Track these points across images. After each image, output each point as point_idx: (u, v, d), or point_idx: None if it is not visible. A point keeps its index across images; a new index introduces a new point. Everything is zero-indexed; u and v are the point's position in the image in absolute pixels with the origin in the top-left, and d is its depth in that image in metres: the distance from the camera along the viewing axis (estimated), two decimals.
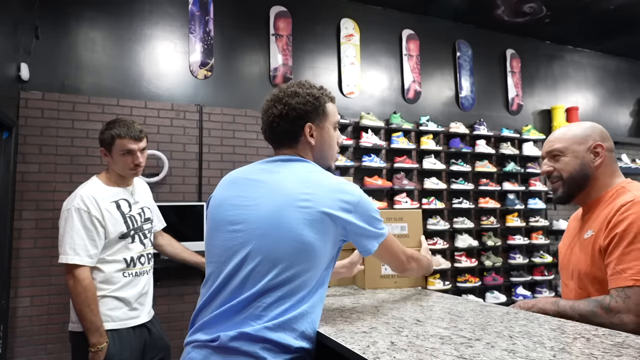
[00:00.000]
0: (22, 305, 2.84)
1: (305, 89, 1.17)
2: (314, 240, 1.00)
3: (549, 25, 4.79)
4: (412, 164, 4.09)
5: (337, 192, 1.05)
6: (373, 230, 1.10)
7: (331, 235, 1.04)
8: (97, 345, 1.64)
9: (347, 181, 1.12)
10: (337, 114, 1.25)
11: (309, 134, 1.16)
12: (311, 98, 1.16)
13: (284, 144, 1.18)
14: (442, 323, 1.15)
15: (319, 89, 1.20)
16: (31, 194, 2.94)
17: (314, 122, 1.17)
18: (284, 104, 1.15)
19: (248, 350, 0.94)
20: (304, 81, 1.22)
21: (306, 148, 1.18)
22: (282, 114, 1.14)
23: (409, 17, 4.44)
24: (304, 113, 1.15)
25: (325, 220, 1.02)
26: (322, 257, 1.03)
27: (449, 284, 4.09)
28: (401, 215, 1.79)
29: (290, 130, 1.16)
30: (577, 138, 1.33)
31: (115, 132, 1.78)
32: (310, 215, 1.01)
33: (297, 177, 1.08)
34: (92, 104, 3.16)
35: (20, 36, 2.94)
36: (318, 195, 1.03)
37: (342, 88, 4.05)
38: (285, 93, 1.16)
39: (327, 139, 1.20)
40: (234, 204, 1.09)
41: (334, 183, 1.08)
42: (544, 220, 4.70)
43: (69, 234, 1.68)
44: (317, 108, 1.17)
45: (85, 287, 1.65)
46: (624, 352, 0.87)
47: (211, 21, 3.59)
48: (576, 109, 5.16)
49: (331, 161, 1.24)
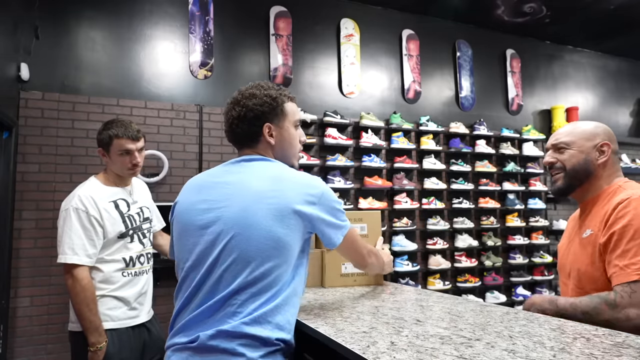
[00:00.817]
0: (22, 305, 2.84)
1: (263, 90, 1.20)
2: (284, 236, 1.03)
3: (549, 25, 4.79)
4: (412, 164, 4.09)
5: (302, 187, 1.09)
6: (337, 222, 1.14)
7: (300, 229, 1.07)
8: (96, 344, 1.64)
9: (311, 175, 1.15)
10: (297, 113, 1.27)
11: (267, 134, 1.19)
12: (268, 99, 1.18)
13: (245, 145, 1.21)
14: (442, 323, 1.15)
15: (277, 90, 1.22)
16: (31, 194, 2.94)
17: (272, 122, 1.19)
18: (242, 106, 1.17)
19: (226, 347, 0.96)
20: (263, 82, 1.25)
21: (267, 148, 1.20)
22: (241, 115, 1.17)
23: (409, 17, 4.44)
24: (261, 114, 1.17)
25: (292, 215, 1.05)
26: (293, 251, 1.06)
27: (449, 284, 4.09)
28: (361, 216, 1.89)
29: (249, 131, 1.18)
30: (586, 134, 1.35)
31: (112, 132, 1.79)
32: (278, 212, 1.03)
33: (262, 175, 1.10)
34: (92, 104, 3.16)
35: (20, 36, 2.94)
36: (284, 191, 1.06)
37: (342, 88, 4.05)
38: (243, 95, 1.19)
39: (287, 138, 1.22)
40: (202, 208, 1.10)
41: (298, 178, 1.12)
42: (544, 220, 4.70)
43: (68, 233, 1.68)
44: (274, 108, 1.19)
45: (84, 287, 1.65)
46: (624, 352, 0.87)
47: (211, 21, 3.59)
48: (576, 109, 5.16)
49: (293, 159, 1.26)
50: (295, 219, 1.05)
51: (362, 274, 1.82)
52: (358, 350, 0.93)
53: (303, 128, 3.77)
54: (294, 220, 1.05)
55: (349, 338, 1.03)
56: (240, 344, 0.96)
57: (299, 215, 1.05)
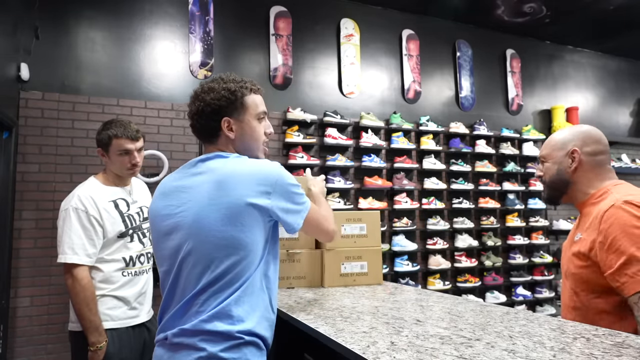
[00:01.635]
0: (22, 305, 2.84)
1: (222, 84, 1.16)
2: (239, 233, 1.04)
3: (549, 25, 4.79)
4: (412, 164, 4.09)
5: (254, 178, 1.07)
6: (295, 208, 1.12)
7: (258, 221, 1.07)
8: (96, 344, 1.64)
9: (264, 162, 1.13)
10: (260, 105, 1.22)
11: (227, 128, 1.16)
12: (226, 92, 1.15)
13: (206, 140, 1.19)
14: (442, 323, 1.15)
15: (238, 82, 1.18)
16: (31, 194, 2.94)
17: (231, 116, 1.16)
18: (200, 101, 1.15)
19: (189, 343, 1.01)
20: (225, 75, 1.21)
21: (227, 142, 1.18)
22: (199, 110, 1.15)
23: (409, 17, 4.44)
24: (218, 108, 1.14)
25: (247, 210, 1.04)
26: (255, 244, 1.07)
27: (449, 284, 4.09)
28: (360, 216, 1.88)
29: (208, 126, 1.16)
30: (558, 144, 1.40)
31: (112, 133, 1.79)
32: (229, 211, 1.04)
33: (213, 176, 1.09)
34: (92, 104, 3.16)
35: (20, 36, 2.94)
36: (236, 188, 1.05)
37: (342, 88, 4.05)
38: (202, 89, 1.17)
39: (248, 132, 1.18)
40: (165, 214, 1.12)
41: (251, 169, 1.10)
42: (544, 220, 4.70)
43: (67, 233, 1.68)
44: (233, 102, 1.16)
45: (84, 287, 1.65)
46: (624, 352, 0.87)
47: (211, 21, 3.59)
48: (576, 109, 5.16)
49: (257, 152, 1.23)
50: (250, 213, 1.05)
51: (362, 274, 1.82)
52: (358, 350, 0.93)
53: (303, 128, 3.77)
54: (248, 215, 1.05)
55: (349, 338, 1.03)
56: (201, 340, 1.00)
57: (254, 208, 1.05)
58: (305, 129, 3.80)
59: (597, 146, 1.36)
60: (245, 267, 1.05)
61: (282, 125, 3.74)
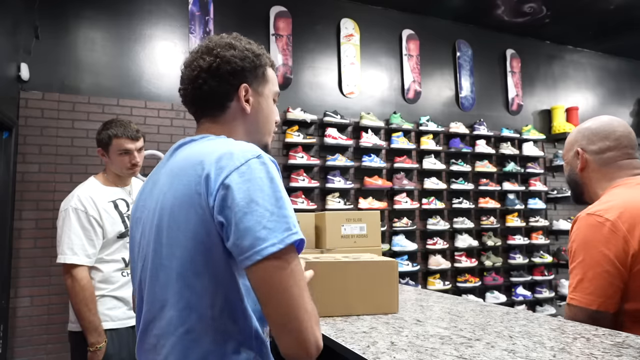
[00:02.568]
0: (22, 305, 2.84)
1: (244, 43, 0.93)
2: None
3: (549, 25, 4.79)
4: (412, 164, 4.09)
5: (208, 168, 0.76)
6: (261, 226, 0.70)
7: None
8: (95, 344, 1.64)
9: (239, 144, 0.80)
10: (277, 85, 0.99)
11: (244, 97, 0.90)
12: (250, 54, 0.91)
13: (206, 112, 0.91)
14: (442, 323, 1.15)
15: (260, 47, 0.96)
16: (31, 194, 2.94)
17: (251, 85, 0.91)
18: (214, 56, 0.88)
19: None
20: (241, 36, 0.96)
21: (236, 117, 0.91)
22: (212, 67, 0.87)
23: (409, 17, 4.44)
24: (240, 70, 0.89)
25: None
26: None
27: (449, 284, 4.09)
28: (360, 216, 1.80)
29: (219, 90, 0.88)
30: (567, 145, 1.38)
31: (112, 132, 1.79)
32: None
33: (184, 166, 0.81)
34: (92, 104, 3.16)
35: (20, 36, 2.94)
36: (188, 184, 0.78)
37: (342, 88, 4.05)
38: (217, 44, 0.90)
39: (265, 109, 0.94)
40: (136, 217, 0.94)
41: (215, 153, 0.77)
42: (544, 220, 4.70)
43: (67, 234, 1.68)
44: (257, 67, 0.92)
45: (84, 287, 1.65)
46: (624, 352, 0.87)
47: (211, 21, 3.59)
48: (576, 109, 5.16)
49: (268, 137, 0.97)
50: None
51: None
52: (358, 350, 0.93)
53: (303, 128, 3.77)
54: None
55: (349, 338, 1.03)
56: None
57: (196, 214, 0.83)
58: (305, 129, 3.80)
59: (603, 143, 1.26)
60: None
61: (282, 125, 3.74)
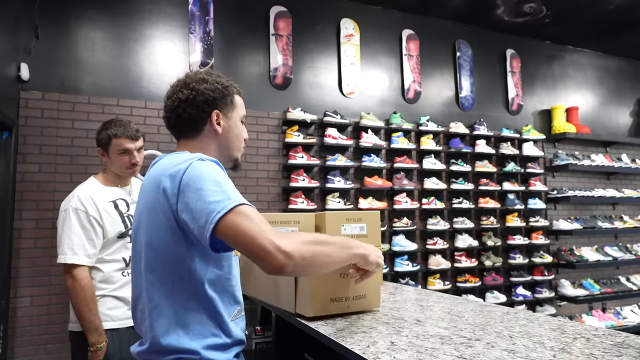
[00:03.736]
0: (22, 305, 2.84)
1: (214, 77, 1.16)
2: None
3: (549, 25, 4.79)
4: (412, 164, 4.08)
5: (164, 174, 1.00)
6: (201, 206, 0.92)
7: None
8: (96, 344, 1.64)
9: (186, 155, 1.02)
10: (244, 109, 1.22)
11: (216, 121, 1.13)
12: (220, 86, 1.14)
13: (185, 134, 1.14)
14: (442, 323, 1.15)
15: (228, 80, 1.18)
16: (31, 194, 2.94)
17: (221, 110, 1.14)
18: (191, 89, 1.11)
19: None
20: (212, 71, 1.20)
21: (210, 137, 1.14)
22: (189, 98, 1.10)
23: (409, 17, 4.44)
24: (212, 99, 1.12)
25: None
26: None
27: (449, 284, 4.09)
28: (360, 216, 1.75)
29: (195, 116, 1.11)
30: None
31: (111, 132, 1.79)
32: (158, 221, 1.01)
33: (151, 177, 1.04)
34: (92, 104, 3.16)
35: (20, 36, 2.94)
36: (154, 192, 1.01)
37: (342, 88, 4.05)
38: (192, 79, 1.13)
39: (234, 129, 1.17)
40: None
41: (168, 166, 1.00)
42: (544, 220, 4.70)
43: (67, 234, 1.68)
44: (225, 96, 1.15)
45: (84, 287, 1.65)
46: (624, 352, 0.87)
47: (211, 21, 3.59)
48: (576, 109, 5.17)
49: (237, 152, 1.19)
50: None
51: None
52: (358, 350, 0.93)
53: (303, 128, 3.77)
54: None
55: (349, 338, 1.03)
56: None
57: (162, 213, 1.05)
58: (305, 129, 3.80)
59: None
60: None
61: (282, 125, 3.74)
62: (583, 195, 4.83)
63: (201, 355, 0.97)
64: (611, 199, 5.05)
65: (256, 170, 3.62)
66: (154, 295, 0.99)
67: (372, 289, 1.34)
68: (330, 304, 1.25)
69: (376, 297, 1.37)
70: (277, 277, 1.44)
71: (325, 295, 1.24)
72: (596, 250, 4.95)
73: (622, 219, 5.14)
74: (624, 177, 5.47)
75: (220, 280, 1.03)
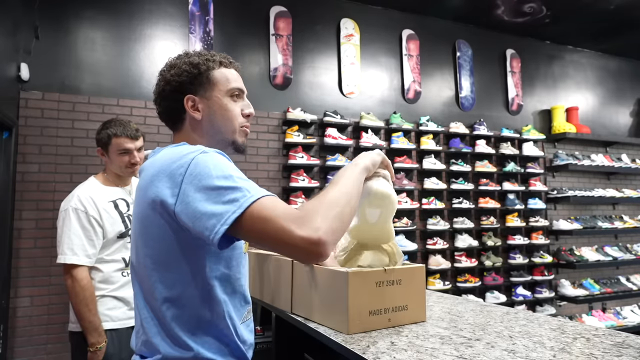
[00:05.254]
0: (22, 305, 2.84)
1: (185, 59, 1.02)
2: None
3: (549, 25, 4.79)
4: (412, 164, 4.08)
5: (163, 171, 0.88)
6: (211, 208, 0.80)
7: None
8: (96, 345, 1.64)
9: (184, 147, 0.91)
10: (232, 81, 1.04)
11: (191, 108, 1.00)
12: (188, 67, 1.00)
13: (172, 125, 1.05)
14: (442, 323, 1.15)
15: (204, 56, 1.03)
16: (31, 194, 2.94)
17: (196, 94, 1.00)
18: (161, 80, 1.03)
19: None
20: (193, 50, 1.09)
21: (194, 125, 1.02)
22: (159, 90, 1.03)
23: (409, 17, 4.44)
24: (178, 85, 1.00)
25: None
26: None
27: (449, 284, 4.09)
28: None
29: (170, 108, 1.02)
30: None
31: (111, 132, 1.79)
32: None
33: (146, 176, 0.93)
34: (92, 104, 3.16)
35: (20, 36, 2.94)
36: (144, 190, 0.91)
37: (342, 88, 4.05)
38: (164, 68, 1.04)
39: (217, 110, 1.01)
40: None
41: (161, 160, 0.91)
42: (544, 220, 4.70)
43: (67, 234, 1.68)
44: (196, 77, 1.00)
45: (84, 287, 1.65)
46: (624, 352, 0.87)
47: (211, 21, 3.59)
48: (576, 109, 5.17)
49: (232, 135, 1.03)
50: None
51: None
52: (358, 350, 0.93)
53: (303, 128, 3.76)
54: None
55: (349, 338, 1.03)
56: None
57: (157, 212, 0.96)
58: (305, 129, 3.80)
59: None
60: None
61: (282, 125, 3.74)
62: (583, 195, 4.83)
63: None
64: (611, 199, 5.05)
65: (256, 171, 3.62)
66: (162, 305, 0.91)
67: (415, 299, 1.19)
68: (369, 318, 1.10)
69: (421, 309, 1.20)
70: (278, 278, 1.44)
71: (363, 307, 1.09)
72: (596, 250, 4.95)
73: (622, 219, 5.14)
74: (624, 177, 5.47)
75: (230, 280, 0.95)
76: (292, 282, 1.34)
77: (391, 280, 1.15)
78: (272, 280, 1.48)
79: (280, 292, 1.42)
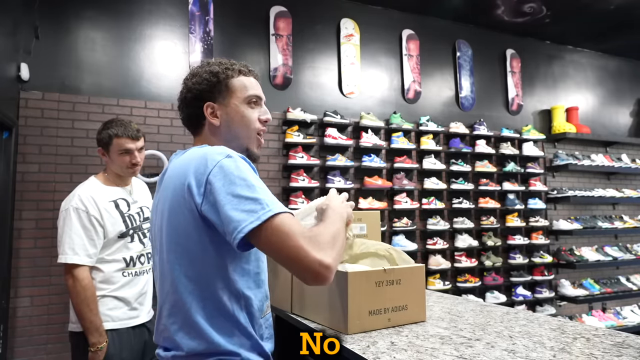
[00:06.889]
0: (22, 305, 2.84)
1: (206, 67, 1.10)
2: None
3: (549, 25, 4.79)
4: (412, 164, 4.08)
5: (189, 170, 0.94)
6: (235, 211, 0.86)
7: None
8: (96, 345, 1.64)
9: (208, 148, 0.97)
10: (250, 88, 1.12)
11: (210, 114, 1.07)
12: (208, 75, 1.08)
13: (193, 130, 1.13)
14: (442, 323, 1.15)
15: (224, 64, 1.11)
16: (31, 194, 2.94)
17: (215, 101, 1.08)
18: (184, 87, 1.11)
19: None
20: (214, 59, 1.15)
21: (212, 131, 1.08)
22: (182, 97, 1.11)
23: (409, 17, 4.44)
24: (199, 93, 1.07)
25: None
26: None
27: (449, 284, 4.09)
28: (360, 216, 1.70)
29: (191, 114, 1.10)
30: None
31: (112, 132, 1.79)
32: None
33: (173, 174, 1.00)
34: (92, 104, 3.16)
35: (20, 36, 2.94)
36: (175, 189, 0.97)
37: (342, 88, 4.05)
38: (187, 76, 1.12)
39: (234, 117, 1.08)
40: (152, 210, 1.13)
41: (193, 161, 0.95)
42: (544, 220, 4.70)
43: (68, 233, 1.68)
44: (215, 85, 1.07)
45: (85, 287, 1.65)
46: (624, 352, 0.87)
47: (211, 21, 3.59)
48: (576, 109, 5.17)
49: (247, 141, 1.09)
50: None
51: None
52: (358, 350, 0.93)
53: (303, 128, 3.77)
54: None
55: (349, 338, 1.03)
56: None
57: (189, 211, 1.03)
58: (305, 129, 3.80)
59: None
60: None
61: (282, 125, 3.74)
62: (583, 195, 4.83)
63: (241, 356, 0.94)
64: (611, 199, 5.05)
65: None
66: (186, 298, 0.94)
67: (415, 298, 1.20)
68: (369, 318, 1.11)
69: (420, 309, 1.21)
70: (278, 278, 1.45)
71: (362, 307, 1.10)
72: (596, 250, 4.95)
73: (622, 219, 5.14)
74: (624, 177, 5.48)
75: (250, 275, 0.99)
76: (292, 282, 1.35)
77: (391, 280, 1.17)
78: (272, 281, 1.48)
79: (280, 292, 1.42)
